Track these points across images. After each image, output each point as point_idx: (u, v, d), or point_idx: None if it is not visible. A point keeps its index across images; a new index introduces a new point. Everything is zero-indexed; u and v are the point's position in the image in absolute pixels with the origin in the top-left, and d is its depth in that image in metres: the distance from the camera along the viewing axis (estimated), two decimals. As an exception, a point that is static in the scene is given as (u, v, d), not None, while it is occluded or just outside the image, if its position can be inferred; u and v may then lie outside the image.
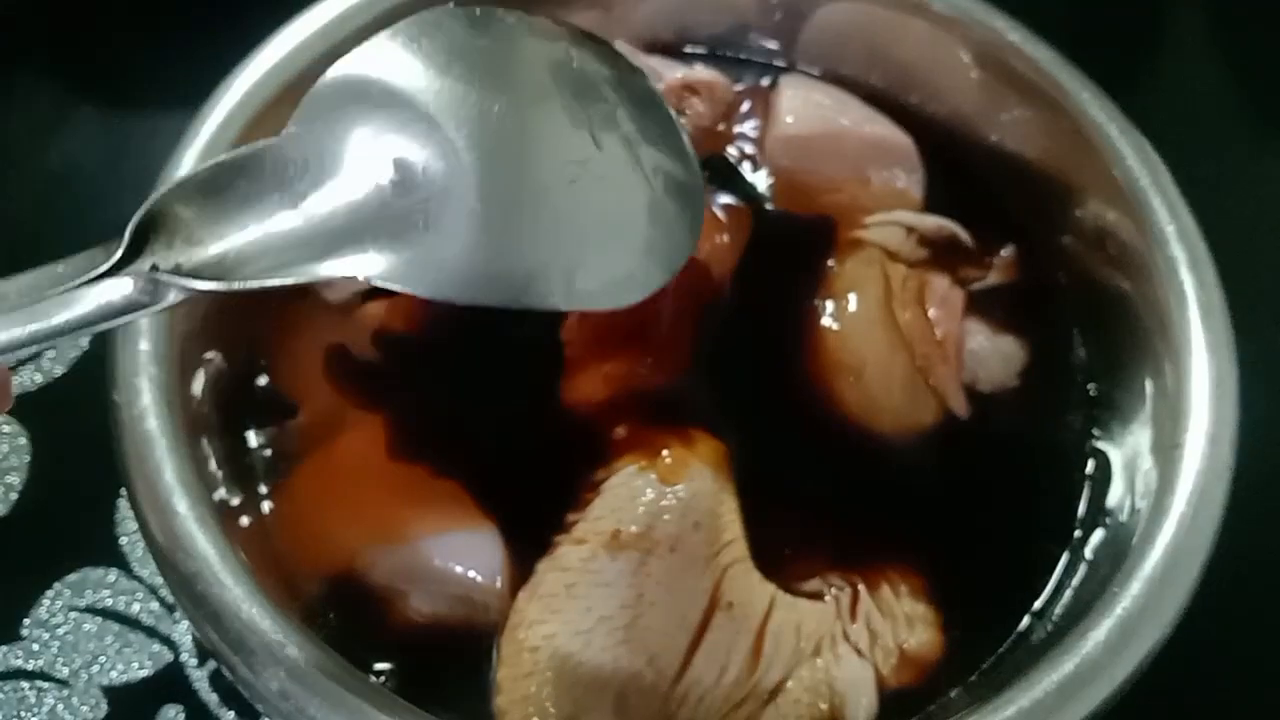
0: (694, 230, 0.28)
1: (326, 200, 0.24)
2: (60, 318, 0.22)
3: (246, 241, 0.24)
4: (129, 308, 0.23)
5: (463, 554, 0.31)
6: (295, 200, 0.24)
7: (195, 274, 0.23)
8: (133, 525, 0.37)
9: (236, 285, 0.23)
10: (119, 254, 0.23)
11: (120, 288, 0.22)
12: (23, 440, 0.39)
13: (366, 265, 0.24)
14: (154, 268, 0.23)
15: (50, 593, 0.36)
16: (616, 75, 0.29)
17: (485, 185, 0.25)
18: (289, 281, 0.24)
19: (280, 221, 0.24)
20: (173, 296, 0.23)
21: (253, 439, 0.34)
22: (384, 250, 0.24)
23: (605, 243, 0.27)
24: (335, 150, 0.25)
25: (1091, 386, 0.36)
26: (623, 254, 0.27)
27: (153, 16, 0.49)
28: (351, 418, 0.33)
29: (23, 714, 0.35)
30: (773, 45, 0.42)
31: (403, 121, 0.26)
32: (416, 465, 0.32)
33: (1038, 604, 0.32)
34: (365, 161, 0.25)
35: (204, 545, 0.28)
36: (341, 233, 0.24)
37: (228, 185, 0.24)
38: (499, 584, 0.30)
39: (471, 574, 0.31)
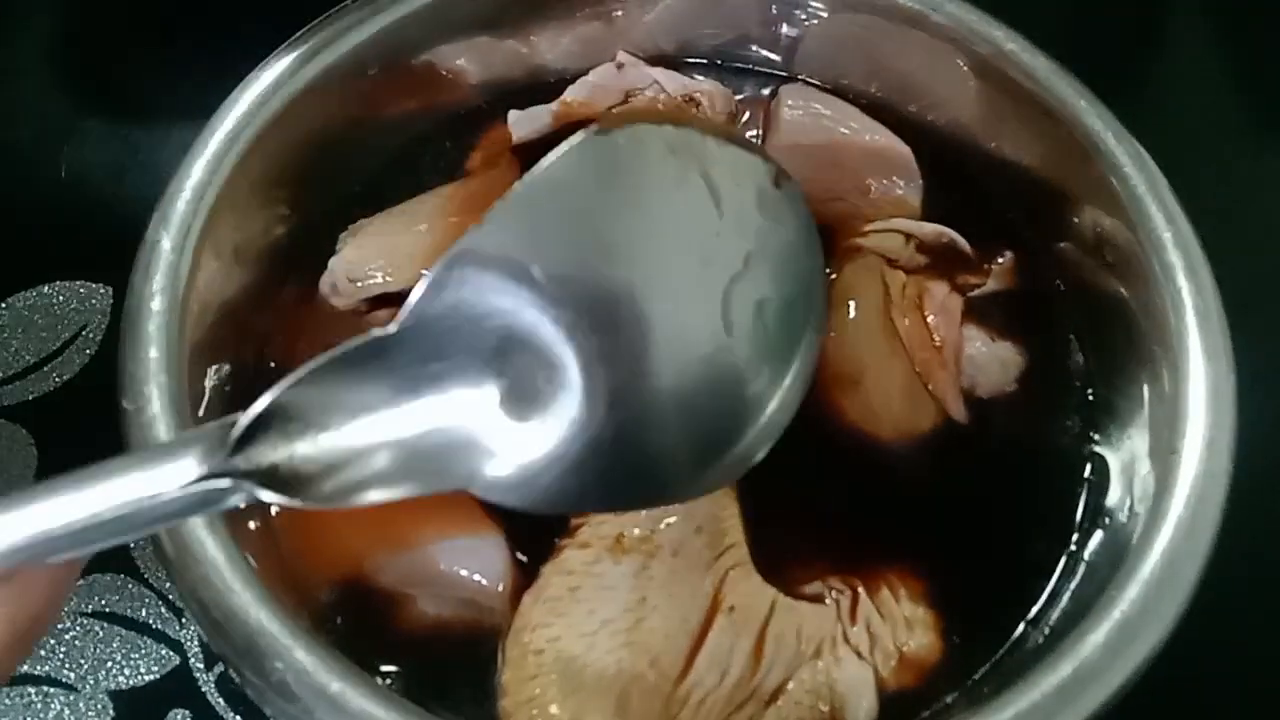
0: (801, 386, 0.27)
1: (437, 408, 0.23)
2: (146, 526, 0.21)
3: (352, 451, 0.22)
4: (213, 511, 0.22)
5: (468, 558, 0.31)
6: (407, 409, 0.23)
7: (297, 487, 0.22)
8: (141, 531, 0.38)
9: (345, 503, 0.22)
10: (225, 458, 0.21)
11: (214, 496, 0.21)
12: (30, 447, 0.39)
13: (471, 477, 0.23)
14: (256, 475, 0.21)
15: (59, 598, 0.37)
16: (765, 208, 0.27)
17: (608, 398, 0.24)
18: (396, 497, 0.23)
19: (389, 430, 0.23)
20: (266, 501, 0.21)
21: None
22: (490, 462, 0.23)
23: (721, 434, 0.26)
24: (450, 349, 0.23)
25: (1089, 392, 0.36)
26: (739, 437, 0.26)
27: (162, 29, 0.50)
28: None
29: (31, 719, 0.35)
30: (773, 56, 0.42)
31: (524, 320, 0.23)
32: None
33: (1036, 608, 0.32)
34: (474, 363, 0.23)
35: (212, 550, 0.28)
36: (453, 440, 0.23)
37: (336, 385, 0.22)
38: (504, 588, 0.31)
39: (477, 578, 0.31)
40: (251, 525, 0.32)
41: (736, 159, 0.27)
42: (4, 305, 0.41)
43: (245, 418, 0.21)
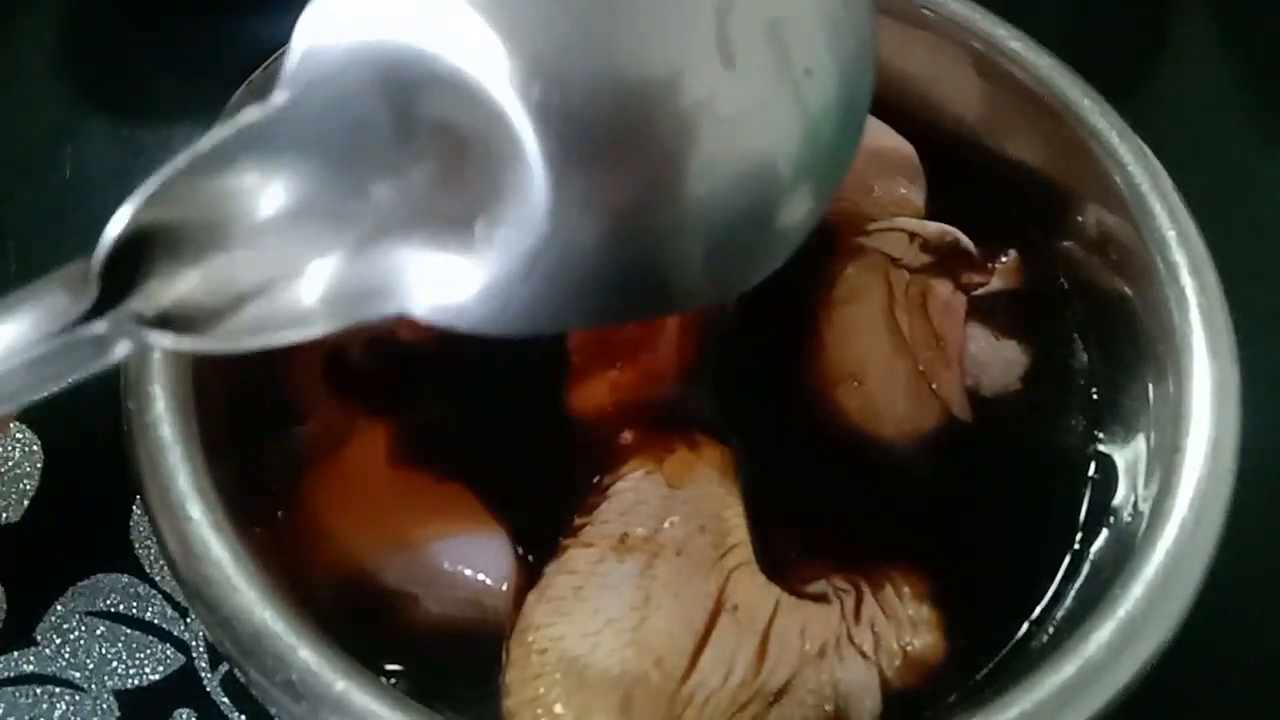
0: (854, 138, 0.21)
1: (343, 205, 0.18)
2: (20, 384, 0.18)
3: (249, 282, 0.18)
4: (97, 367, 0.18)
5: (472, 558, 0.31)
6: (304, 210, 0.18)
7: (181, 327, 0.18)
8: (146, 531, 0.38)
9: (242, 344, 0.18)
10: (93, 299, 0.18)
11: (90, 345, 0.17)
12: (36, 447, 0.39)
13: (405, 298, 0.18)
14: (137, 315, 0.17)
15: (64, 598, 0.37)
16: None
17: (566, 157, 0.18)
18: (312, 334, 0.18)
19: (289, 241, 0.18)
20: (153, 346, 0.18)
21: (266, 445, 0.34)
22: (429, 273, 0.18)
23: (741, 201, 0.20)
24: (345, 127, 0.18)
25: (1094, 391, 0.36)
26: (768, 206, 0.20)
27: (165, 27, 0.50)
28: (362, 424, 0.34)
29: (35, 718, 0.35)
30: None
31: (437, 69, 0.18)
32: (425, 471, 0.33)
33: (1040, 607, 0.32)
34: (392, 138, 0.18)
35: (217, 550, 0.28)
36: (366, 251, 0.18)
37: (211, 195, 0.18)
38: (507, 587, 0.31)
39: (480, 577, 0.31)
40: (256, 527, 0.32)
41: None
42: (8, 305, 0.41)
43: (105, 242, 0.17)
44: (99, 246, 0.18)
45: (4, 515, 0.38)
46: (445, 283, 0.19)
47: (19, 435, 0.39)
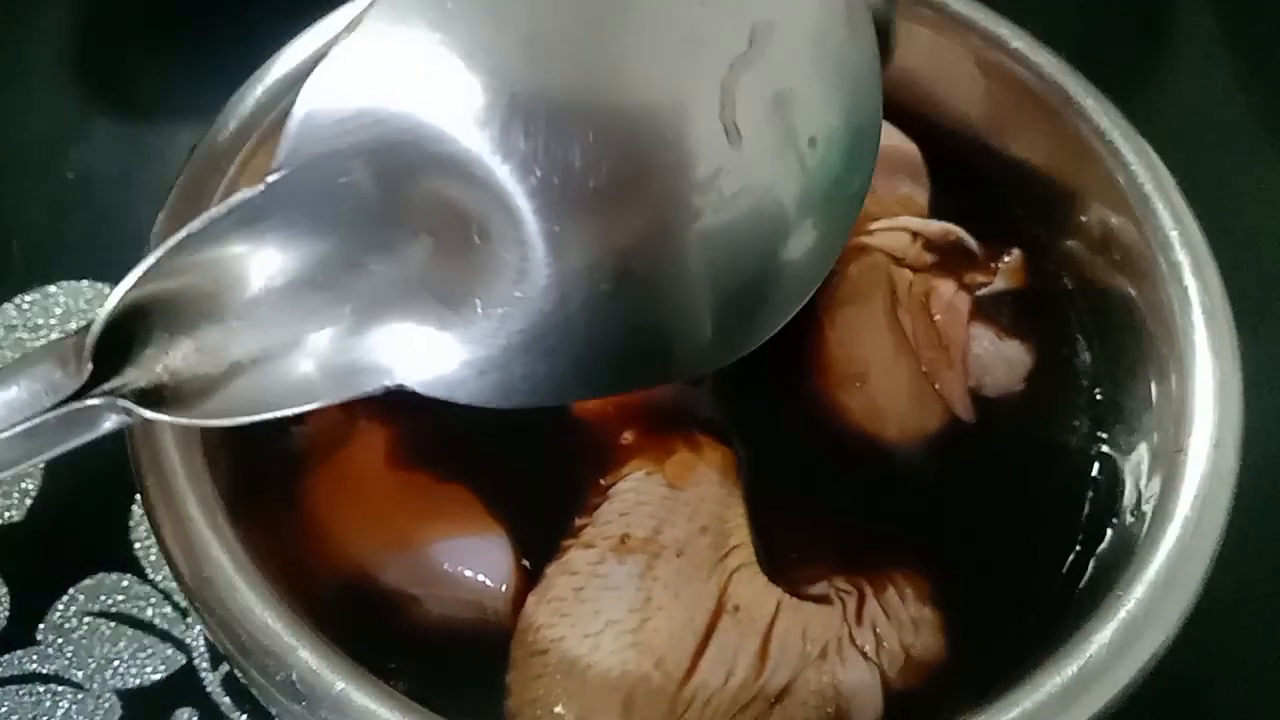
0: (862, 184, 0.21)
1: (339, 279, 0.18)
2: (10, 457, 0.18)
3: (243, 354, 0.18)
4: (88, 439, 0.18)
5: (472, 558, 0.31)
6: (300, 282, 0.18)
7: (175, 397, 0.18)
8: (146, 531, 0.38)
9: (234, 419, 0.18)
10: (86, 375, 0.18)
11: (82, 419, 0.18)
12: (39, 447, 0.39)
13: (401, 372, 0.18)
14: (125, 392, 0.18)
15: (65, 598, 0.37)
16: None
17: (565, 239, 0.18)
18: (300, 410, 0.19)
19: (284, 313, 0.18)
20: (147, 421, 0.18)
21: (265, 445, 0.34)
22: (426, 348, 0.18)
23: (745, 275, 0.20)
24: (339, 204, 0.18)
25: (1097, 391, 0.36)
26: (768, 276, 0.20)
27: (170, 27, 0.50)
28: (362, 424, 0.34)
29: (37, 717, 0.35)
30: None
31: (433, 149, 0.18)
32: (426, 471, 0.33)
33: (1042, 608, 0.32)
34: (386, 216, 0.18)
35: (217, 551, 0.28)
36: (362, 325, 0.18)
37: (206, 267, 0.18)
38: (508, 588, 0.31)
39: (481, 578, 0.31)
40: (256, 527, 0.32)
41: None
42: (10, 304, 0.41)
43: (99, 321, 0.17)
44: (93, 324, 0.18)
45: (6, 515, 0.38)
46: (441, 358, 0.19)
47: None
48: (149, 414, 0.18)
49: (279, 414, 0.19)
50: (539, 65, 0.17)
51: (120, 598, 0.37)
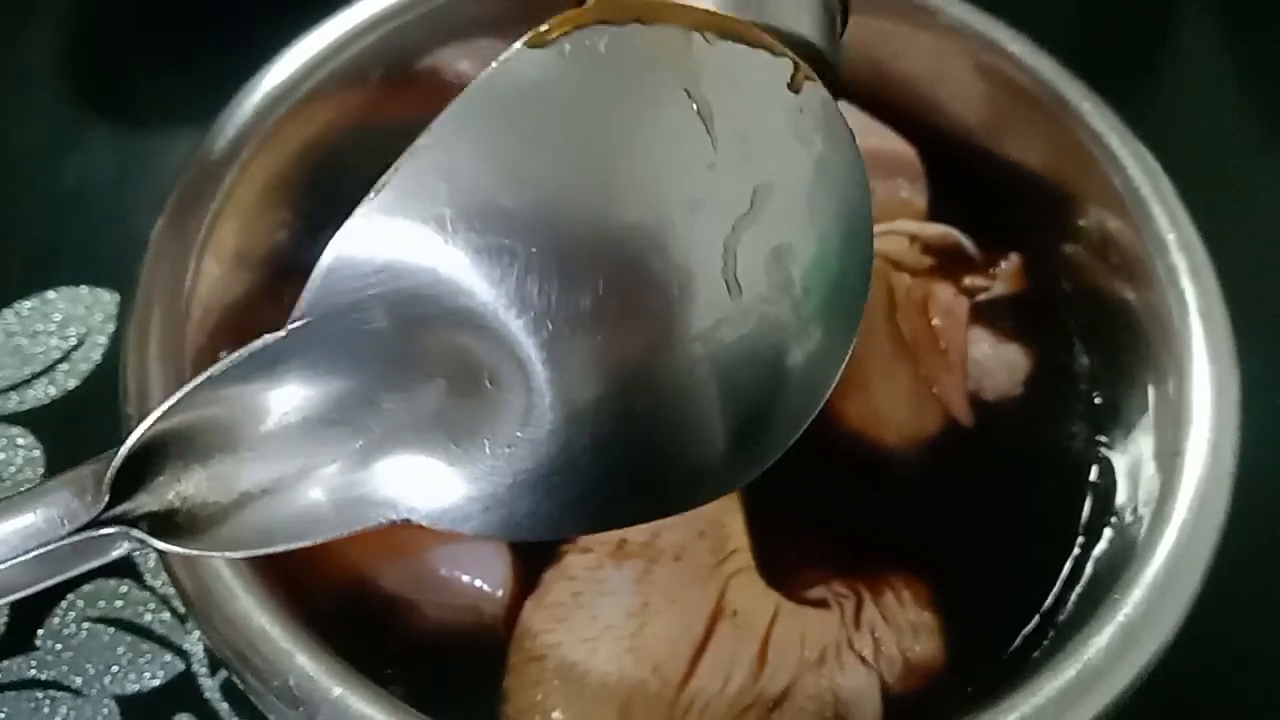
0: (843, 348, 0.22)
1: (352, 415, 0.19)
2: (24, 580, 0.19)
3: (253, 484, 0.19)
4: (98, 564, 0.19)
5: (470, 564, 0.31)
6: (313, 418, 0.19)
7: (187, 522, 0.19)
8: (145, 536, 0.38)
9: (244, 550, 0.19)
10: (103, 504, 0.18)
11: (95, 546, 0.18)
12: (37, 453, 0.39)
13: (407, 505, 0.19)
14: (138, 516, 0.18)
15: (64, 604, 0.37)
16: (779, 123, 0.21)
17: (572, 387, 0.19)
18: (313, 540, 0.19)
19: (296, 458, 0.19)
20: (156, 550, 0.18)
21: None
22: (434, 483, 0.19)
23: (745, 411, 0.21)
24: (359, 348, 0.19)
25: (1095, 395, 0.36)
26: (767, 406, 0.21)
27: (166, 34, 0.50)
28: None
29: (37, 723, 0.35)
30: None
31: (451, 303, 0.19)
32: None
33: (1040, 612, 0.32)
34: (403, 360, 0.19)
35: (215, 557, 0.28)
36: (371, 458, 0.19)
37: (222, 403, 0.19)
38: (505, 593, 0.31)
39: (478, 583, 0.31)
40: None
41: (735, 60, 0.21)
42: (9, 311, 0.41)
43: (120, 454, 0.18)
44: (114, 460, 0.18)
45: (5, 521, 0.38)
46: (448, 493, 0.20)
47: (20, 441, 0.39)
48: (161, 545, 0.19)
49: (289, 547, 0.20)
50: (555, 227, 0.19)
51: (119, 603, 0.37)
